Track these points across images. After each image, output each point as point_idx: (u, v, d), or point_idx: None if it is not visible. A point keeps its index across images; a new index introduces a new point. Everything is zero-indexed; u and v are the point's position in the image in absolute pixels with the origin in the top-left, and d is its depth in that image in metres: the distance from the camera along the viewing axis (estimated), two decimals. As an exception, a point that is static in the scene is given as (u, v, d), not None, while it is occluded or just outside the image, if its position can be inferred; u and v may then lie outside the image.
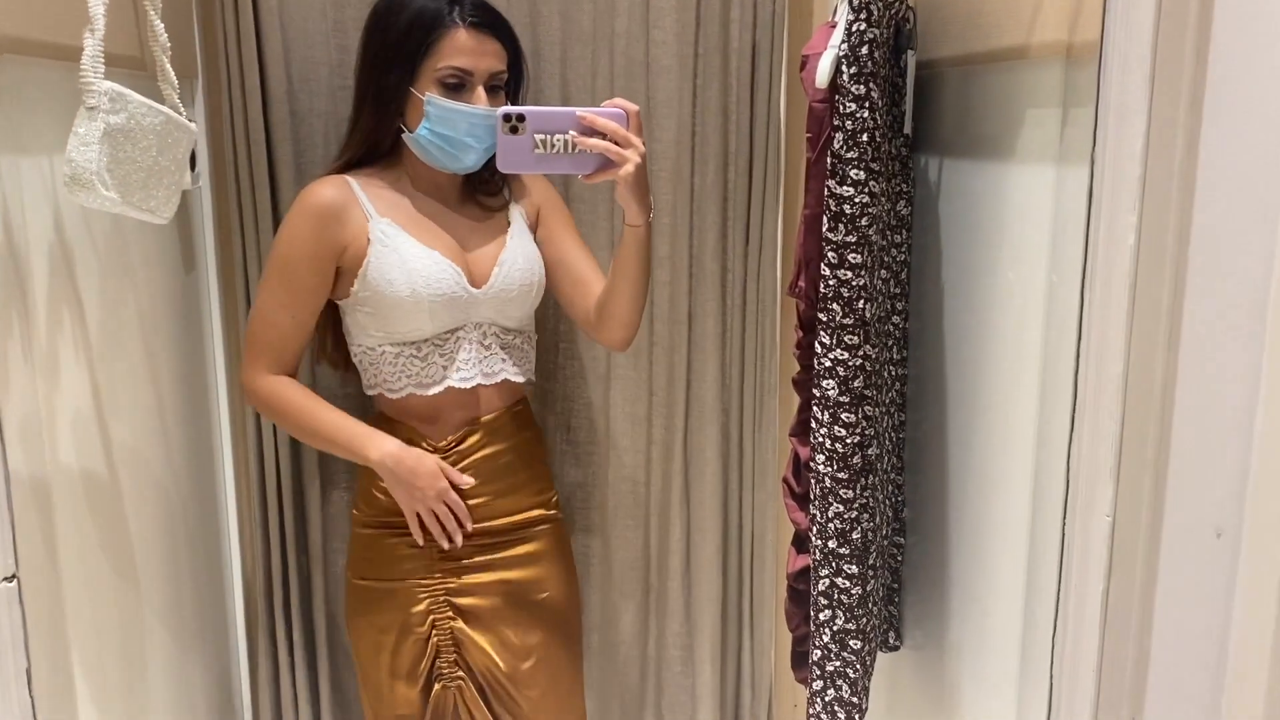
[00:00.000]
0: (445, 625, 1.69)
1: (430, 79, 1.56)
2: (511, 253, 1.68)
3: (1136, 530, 0.88)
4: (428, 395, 1.66)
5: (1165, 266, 0.81)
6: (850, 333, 1.40)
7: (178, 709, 1.71)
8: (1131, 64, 0.77)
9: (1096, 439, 0.84)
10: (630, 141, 1.49)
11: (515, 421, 1.75)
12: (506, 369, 1.71)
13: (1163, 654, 0.93)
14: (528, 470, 1.76)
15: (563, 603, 1.81)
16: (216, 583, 1.92)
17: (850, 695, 1.49)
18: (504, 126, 1.48)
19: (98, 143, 1.16)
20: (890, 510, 1.71)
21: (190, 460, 1.79)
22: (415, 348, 1.64)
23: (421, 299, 1.59)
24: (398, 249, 1.60)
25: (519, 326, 1.74)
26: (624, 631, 2.14)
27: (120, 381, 1.50)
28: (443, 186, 1.68)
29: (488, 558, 1.71)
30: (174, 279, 1.75)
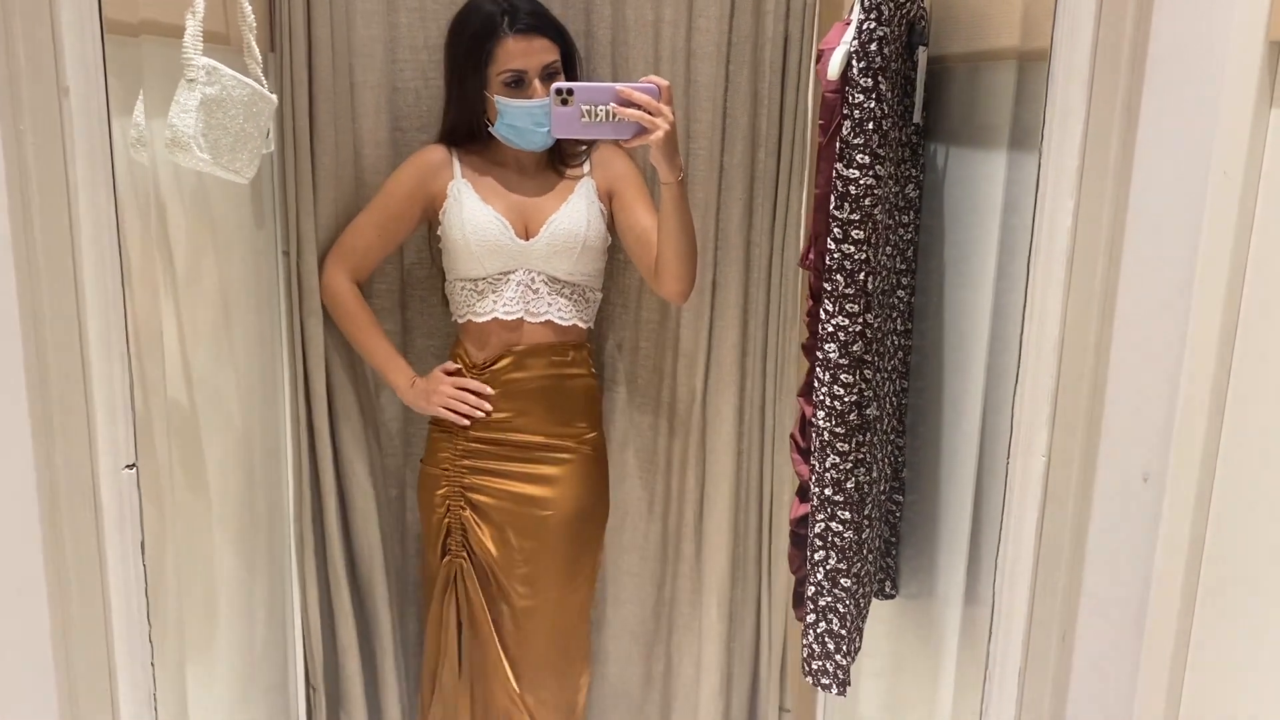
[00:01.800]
0: (456, 511, 2.03)
1: (496, 81, 1.89)
2: (565, 214, 1.97)
3: (1069, 471, 1.02)
4: (480, 322, 2.00)
5: (1100, 244, 0.96)
6: (851, 301, 1.54)
7: (242, 618, 1.91)
8: (1074, 70, 0.92)
9: (1036, 391, 0.99)
10: (661, 111, 1.74)
11: (556, 357, 2.02)
12: (551, 312, 2.00)
13: (1092, 581, 1.07)
14: (560, 403, 2.04)
15: (569, 529, 2.06)
16: (278, 508, 2.12)
17: (840, 629, 1.65)
18: (556, 99, 1.74)
19: (195, 110, 1.34)
20: (890, 469, 1.86)
21: (255, 394, 1.98)
22: (474, 284, 1.99)
23: (470, 244, 1.95)
24: (462, 204, 1.96)
25: (568, 278, 2.00)
26: (636, 574, 2.31)
27: (199, 318, 1.69)
28: (523, 159, 2.01)
29: (502, 465, 2.03)
30: (246, 234, 1.94)
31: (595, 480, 2.12)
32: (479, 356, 2.02)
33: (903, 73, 1.62)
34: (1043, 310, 0.97)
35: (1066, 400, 1.00)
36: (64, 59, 0.88)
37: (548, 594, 2.07)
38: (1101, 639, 1.08)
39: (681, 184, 1.86)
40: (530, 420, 2.03)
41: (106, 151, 0.95)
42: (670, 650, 2.34)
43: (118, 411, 0.97)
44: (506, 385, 2.01)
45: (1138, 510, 1.04)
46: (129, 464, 0.97)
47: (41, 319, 0.94)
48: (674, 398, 2.21)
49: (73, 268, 0.94)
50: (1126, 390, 1.03)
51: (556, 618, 2.09)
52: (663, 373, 2.21)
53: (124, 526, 0.97)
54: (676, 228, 1.90)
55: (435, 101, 2.09)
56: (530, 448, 2.03)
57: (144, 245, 1.46)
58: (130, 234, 1.41)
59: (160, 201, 1.51)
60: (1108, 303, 0.99)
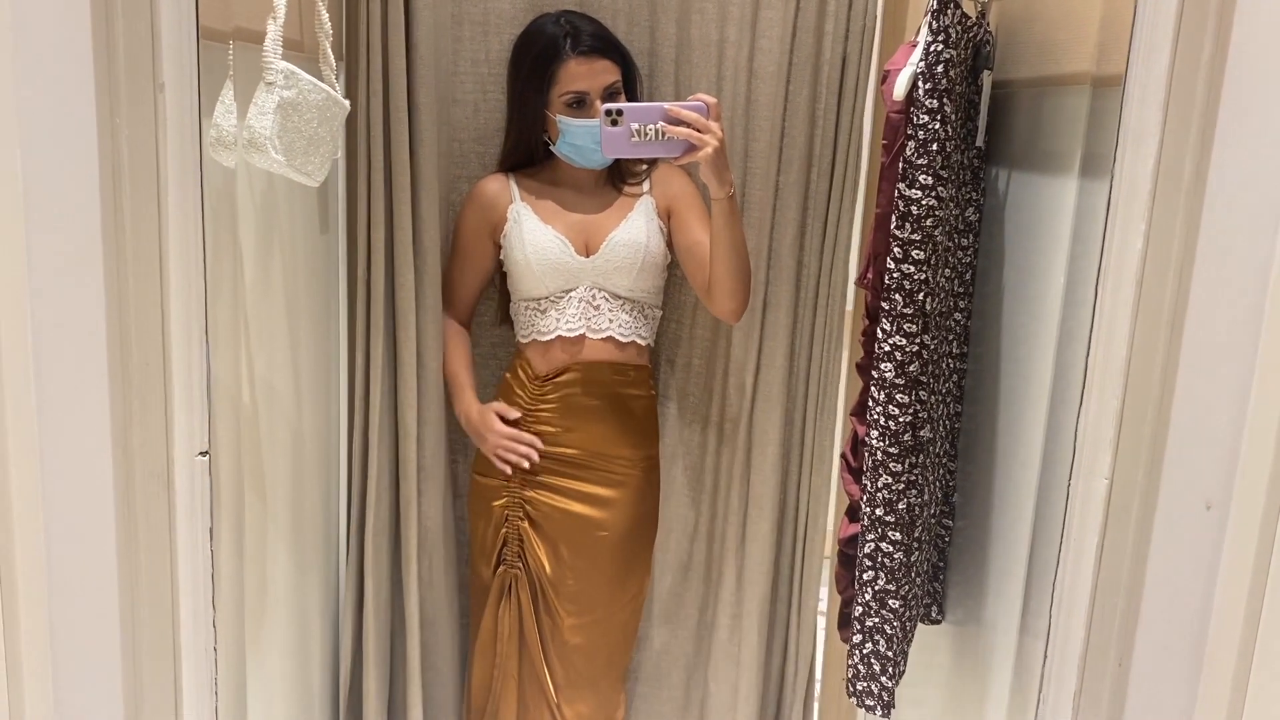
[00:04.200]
0: (515, 522, 2.05)
1: (558, 101, 1.93)
2: (624, 231, 2.00)
3: (1131, 495, 1.02)
4: (543, 341, 2.03)
5: (1170, 267, 0.96)
6: (910, 321, 1.55)
7: (296, 619, 1.94)
8: (1149, 92, 0.92)
9: (1101, 412, 0.99)
10: (709, 129, 1.76)
11: (616, 375, 2.05)
12: (613, 328, 2.02)
13: (1152, 608, 1.06)
14: (619, 421, 2.06)
15: (621, 549, 2.08)
16: (329, 507, 2.15)
17: (886, 650, 1.64)
18: (605, 120, 1.77)
19: (272, 113, 1.37)
20: (941, 493, 1.85)
21: (315, 396, 2.02)
22: (537, 303, 2.03)
23: (532, 264, 1.98)
24: (522, 225, 2.00)
25: (629, 294, 2.03)
26: (677, 596, 2.31)
27: (263, 317, 1.73)
28: (581, 177, 2.04)
29: (561, 481, 2.05)
30: (310, 238, 1.98)
31: (649, 500, 2.14)
32: (542, 369, 2.04)
33: (967, 96, 1.62)
34: (1110, 331, 0.97)
35: (1131, 423, 1.00)
36: (161, 57, 0.91)
37: (595, 612, 2.08)
38: (1159, 668, 1.07)
39: (732, 200, 1.87)
40: (589, 437, 2.05)
41: (196, 148, 0.99)
42: (708, 675, 2.33)
43: (194, 400, 1.00)
44: (567, 399, 2.03)
45: (1199, 538, 1.03)
46: (202, 451, 1.00)
47: (127, 307, 0.97)
48: (723, 416, 2.22)
49: (159, 258, 0.97)
50: (1192, 416, 1.03)
51: (602, 635, 2.10)
52: (713, 391, 2.22)
53: (194, 512, 1.00)
54: (728, 244, 1.91)
55: (493, 115, 2.11)
56: (588, 465, 2.05)
57: (216, 245, 1.50)
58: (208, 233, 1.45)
59: (234, 202, 1.55)
60: (1176, 327, 0.98)
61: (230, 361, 1.57)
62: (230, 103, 1.38)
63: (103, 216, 0.94)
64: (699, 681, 2.34)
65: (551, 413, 2.03)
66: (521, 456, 2.01)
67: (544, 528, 2.06)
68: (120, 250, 0.95)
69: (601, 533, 2.06)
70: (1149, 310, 0.98)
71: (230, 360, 1.57)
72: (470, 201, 2.07)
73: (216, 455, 1.47)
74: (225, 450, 1.54)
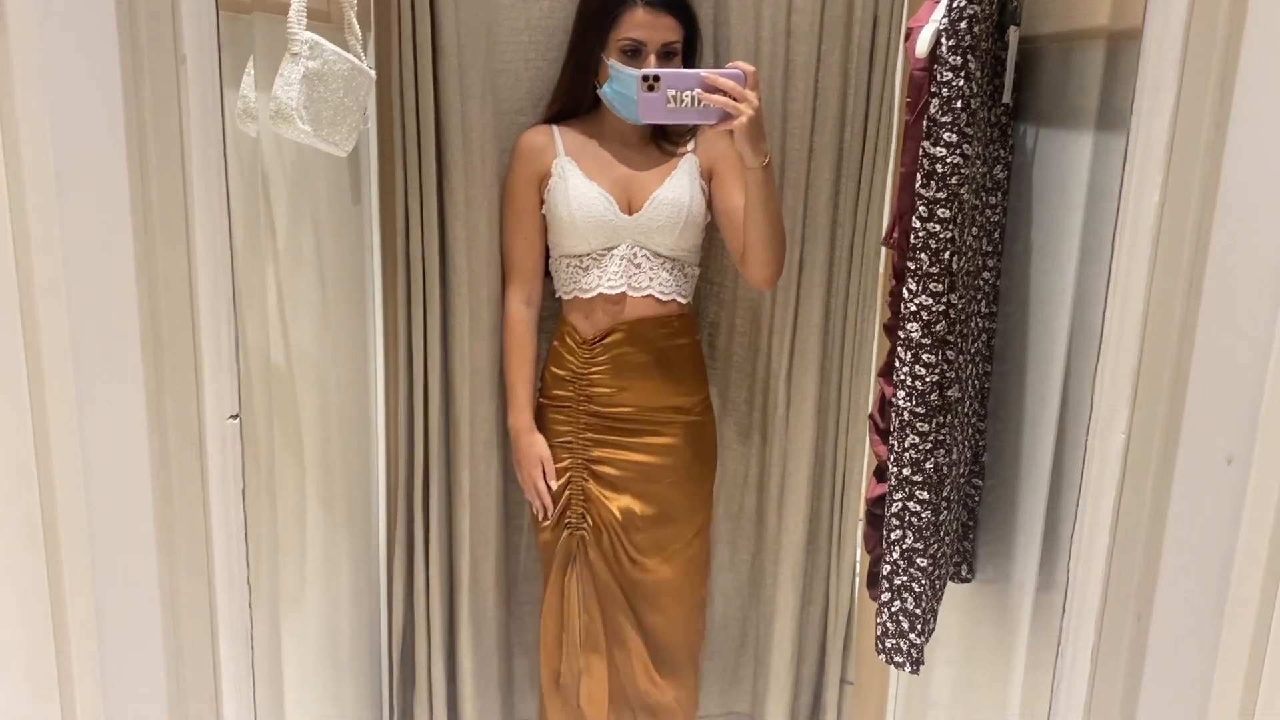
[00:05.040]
0: (579, 483, 2.09)
1: (615, 47, 1.93)
2: (667, 190, 2.01)
3: (1150, 450, 1.02)
4: (585, 298, 2.05)
5: (1188, 221, 0.95)
6: (936, 281, 1.54)
7: (328, 580, 1.99)
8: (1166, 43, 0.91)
9: (1118, 367, 0.99)
10: (745, 97, 1.75)
11: (661, 329, 2.07)
12: (654, 287, 2.05)
13: (1172, 564, 1.06)
14: (668, 372, 2.09)
15: (686, 489, 2.13)
16: (364, 474, 2.19)
17: (914, 608, 1.65)
18: (643, 85, 1.77)
19: (298, 83, 1.39)
20: (970, 452, 1.85)
21: (348, 365, 2.05)
22: (579, 260, 2.05)
23: (576, 219, 1.99)
24: (566, 180, 2.00)
25: (670, 253, 2.05)
26: (732, 544, 2.37)
27: (297, 288, 1.76)
28: (627, 134, 2.04)
29: (621, 439, 2.09)
30: (343, 208, 2.00)
31: (707, 438, 2.18)
32: (588, 331, 2.07)
33: (993, 52, 1.60)
34: (1127, 285, 0.96)
35: (1149, 378, 0.99)
36: (182, 29, 0.93)
37: (666, 549, 2.12)
38: (1179, 623, 1.07)
39: (767, 170, 1.87)
40: (642, 394, 2.07)
41: (219, 119, 1.01)
42: (758, 618, 2.38)
43: (223, 365, 1.02)
44: (617, 360, 2.06)
45: (1220, 493, 1.03)
46: (233, 415, 1.03)
47: (156, 275, 1.00)
48: (767, 374, 2.24)
49: (185, 227, 0.99)
50: (1212, 371, 1.02)
51: (682, 577, 2.15)
52: (757, 349, 2.25)
53: (227, 474, 1.03)
54: (762, 214, 1.92)
55: (535, 83, 2.11)
56: (645, 419, 2.08)
57: (248, 214, 1.52)
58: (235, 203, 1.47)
59: (264, 173, 1.58)
60: (1195, 280, 0.98)
61: (263, 331, 1.60)
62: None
63: (130, 187, 0.97)
64: (753, 623, 2.39)
65: (604, 374, 2.06)
66: (537, 506, 2.11)
67: (611, 483, 2.09)
68: (148, 220, 0.98)
69: (667, 479, 2.10)
70: (1167, 264, 0.97)
71: (263, 330, 1.60)
72: (516, 157, 2.07)
73: (250, 423, 1.51)
74: (259, 419, 1.58)
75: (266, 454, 1.63)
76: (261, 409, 1.60)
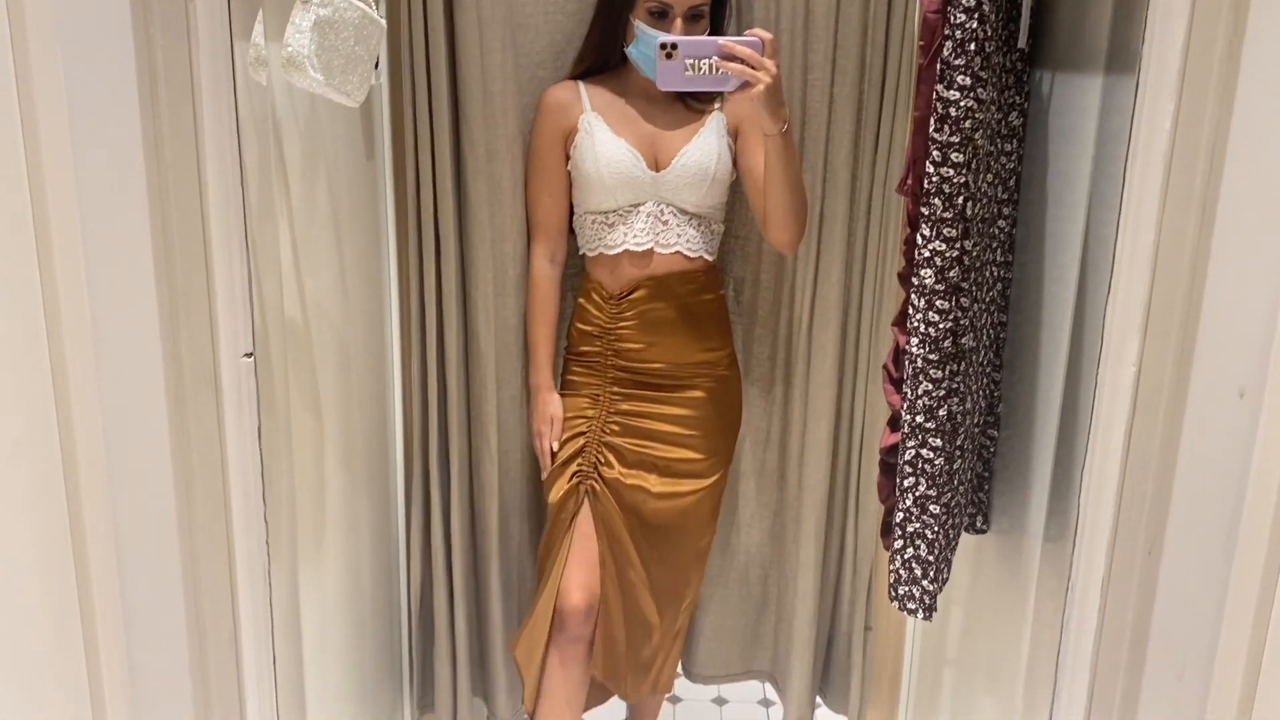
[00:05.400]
0: (597, 435, 2.09)
1: (641, 6, 1.92)
2: (695, 147, 2.01)
3: (1161, 381, 1.01)
4: (611, 254, 2.05)
5: (1200, 149, 0.94)
6: (949, 226, 1.53)
7: (347, 535, 2.01)
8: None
9: (1129, 297, 0.98)
10: (763, 65, 1.75)
11: (687, 285, 2.07)
12: (680, 244, 2.04)
13: (1183, 497, 1.06)
14: (694, 328, 2.09)
15: (709, 448, 2.13)
16: (381, 429, 2.21)
17: (927, 555, 1.66)
18: (661, 53, 1.77)
19: (309, 31, 1.39)
20: (985, 402, 1.85)
21: (363, 319, 2.07)
22: (604, 216, 2.04)
23: (604, 176, 1.98)
24: (593, 136, 2.00)
25: (696, 210, 2.04)
26: (752, 500, 2.37)
27: (312, 242, 1.77)
28: (653, 91, 2.01)
29: (649, 393, 2.09)
30: (356, 163, 2.01)
31: (733, 396, 2.19)
32: (614, 287, 2.07)
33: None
34: (1138, 213, 0.96)
35: (1160, 309, 0.99)
36: (189, -34, 0.94)
37: (685, 509, 2.13)
38: (1190, 556, 1.07)
39: (786, 137, 1.87)
40: (670, 349, 2.08)
41: (228, 59, 1.01)
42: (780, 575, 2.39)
43: (237, 303, 1.03)
44: (644, 315, 2.06)
45: (1232, 426, 1.03)
46: (247, 353, 1.04)
47: (169, 213, 1.00)
48: (790, 330, 2.24)
49: (197, 164, 1.00)
50: (1224, 302, 1.01)
51: (690, 528, 2.15)
52: (780, 304, 2.25)
53: (242, 410, 1.04)
54: (782, 179, 1.92)
55: (554, 37, 2.08)
56: (673, 375, 2.09)
57: (261, 164, 1.53)
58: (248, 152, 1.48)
59: (276, 123, 1.58)
60: (1208, 211, 0.97)
61: (278, 286, 1.61)
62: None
63: (142, 125, 0.98)
64: (775, 581, 2.40)
65: (631, 330, 2.07)
66: (544, 464, 2.15)
67: (633, 432, 2.09)
68: (160, 157, 0.98)
69: (693, 432, 2.11)
70: (1179, 191, 0.96)
71: (278, 284, 1.61)
72: (542, 112, 2.05)
73: (267, 377, 1.53)
74: (276, 373, 1.59)
75: (284, 408, 1.64)
76: (278, 364, 1.61)
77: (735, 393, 2.20)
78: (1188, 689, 1.11)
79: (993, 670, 1.97)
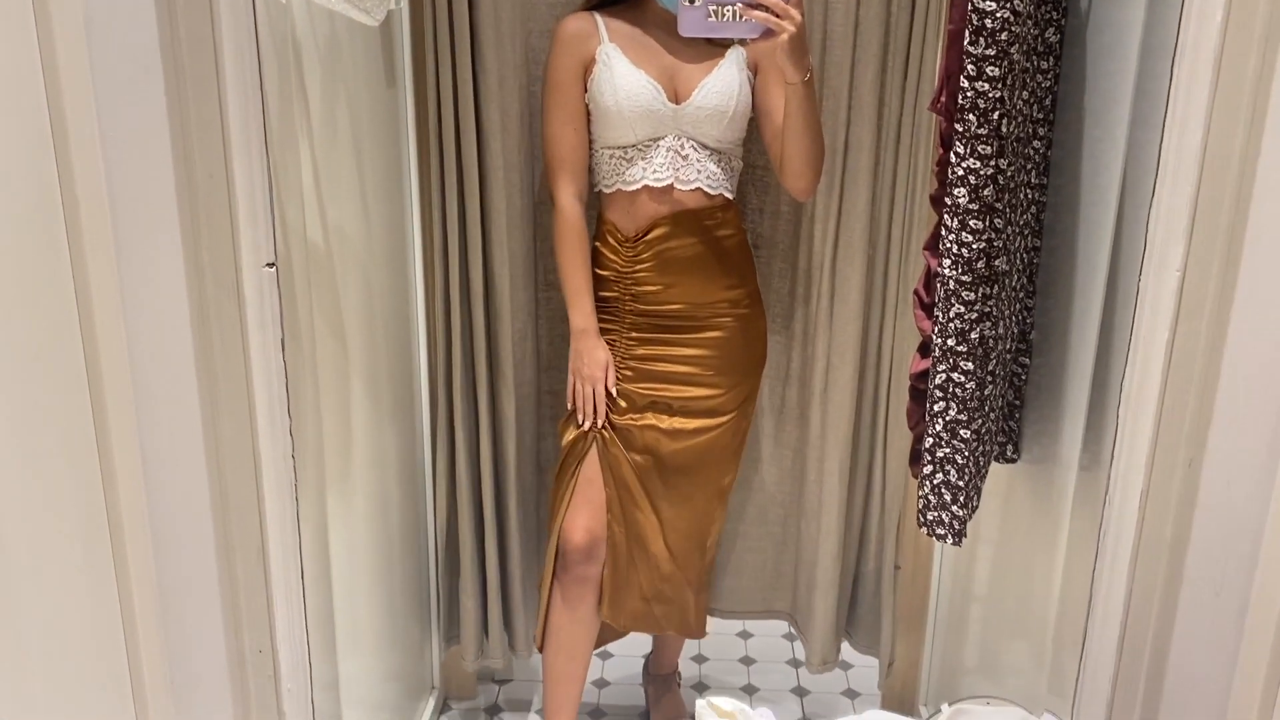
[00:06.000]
0: (616, 378, 2.05)
1: None
2: (715, 79, 1.95)
3: (1205, 288, 0.98)
4: (629, 191, 2.00)
5: (1252, 44, 0.90)
6: (984, 143, 1.50)
7: (376, 464, 2.01)
8: None
9: (1174, 200, 0.95)
10: (788, 13, 1.71)
11: (706, 221, 2.02)
12: (701, 180, 1.99)
13: (1226, 406, 1.03)
14: (715, 266, 2.04)
15: (732, 386, 2.09)
16: (406, 362, 2.21)
17: (958, 480, 1.64)
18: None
19: (328, -57, 1.36)
20: (1017, 329, 1.81)
21: (385, 248, 2.05)
22: (623, 151, 1.99)
23: (623, 109, 1.93)
24: (612, 67, 1.94)
25: (717, 145, 1.99)
26: (774, 438, 2.35)
27: (333, 168, 1.75)
28: (672, 24, 1.92)
29: (669, 335, 2.05)
30: (377, 90, 1.98)
31: (757, 333, 2.15)
32: (630, 228, 2.02)
33: (1048, -97, 1.53)
34: (1185, 114, 0.92)
35: (1206, 212, 0.95)
36: None
37: (707, 447, 2.10)
38: (1232, 466, 1.05)
39: (808, 85, 1.84)
40: (689, 289, 2.03)
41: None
42: (800, 514, 2.37)
43: (258, 211, 1.02)
44: (661, 255, 2.01)
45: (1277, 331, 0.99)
46: (269, 263, 1.03)
47: (189, 123, 0.99)
48: (809, 264, 2.20)
49: (215, 71, 0.98)
50: (1274, 203, 0.98)
51: (711, 466, 2.13)
52: (800, 237, 2.20)
53: (265, 320, 1.03)
54: (801, 129, 1.89)
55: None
56: (693, 316, 2.05)
57: (281, 84, 1.51)
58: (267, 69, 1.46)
59: (296, 42, 1.56)
60: (1258, 107, 0.93)
61: (300, 211, 1.60)
62: None
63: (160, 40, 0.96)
64: (794, 520, 2.39)
65: (649, 272, 2.02)
66: (587, 412, 2.04)
67: (652, 376, 2.06)
68: (178, 64, 0.96)
69: (715, 371, 2.07)
70: (1228, 90, 0.92)
71: (300, 210, 1.60)
72: (559, 43, 1.98)
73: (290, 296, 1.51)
74: (299, 293, 1.58)
75: (308, 333, 1.63)
76: (301, 289, 1.60)
77: (757, 330, 2.16)
78: (1225, 604, 1.09)
79: (1023, 605, 1.96)
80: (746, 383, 2.15)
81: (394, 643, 2.21)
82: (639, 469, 2.07)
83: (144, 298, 1.01)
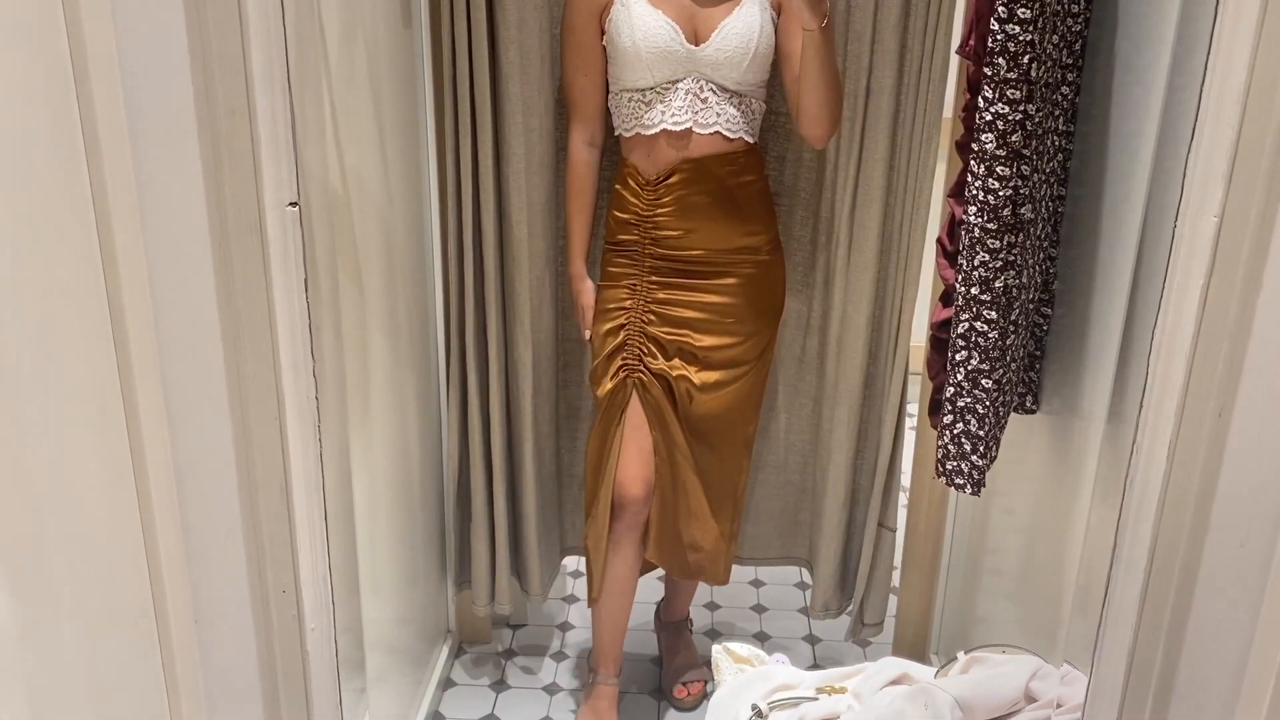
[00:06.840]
0: (638, 325, 2.06)
1: None
2: (735, 20, 1.93)
3: (1243, 234, 0.96)
4: (648, 134, 1.98)
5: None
6: (1013, 88, 1.47)
7: (396, 409, 2.02)
8: None
9: (1215, 142, 0.93)
10: None
11: (726, 167, 2.01)
12: (720, 123, 1.98)
13: (1259, 355, 1.02)
14: (735, 211, 2.04)
15: (751, 334, 2.10)
16: (423, 308, 2.20)
17: (978, 430, 1.63)
18: None
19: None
20: (1041, 279, 1.80)
21: (402, 193, 2.04)
22: (641, 94, 1.98)
23: (640, 50, 1.92)
24: (630, 8, 1.93)
25: (737, 88, 1.97)
26: (793, 387, 2.36)
27: (350, 110, 1.73)
28: None
29: (689, 280, 2.05)
30: (394, 31, 1.95)
31: (776, 281, 2.14)
32: (650, 172, 2.01)
33: None
34: (1230, 51, 0.90)
35: (1247, 155, 0.93)
36: None
37: (729, 396, 2.11)
38: (1264, 415, 1.04)
39: (826, 32, 1.82)
40: (710, 235, 2.02)
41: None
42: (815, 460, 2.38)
43: (280, 149, 1.01)
44: (681, 200, 2.00)
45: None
46: (292, 202, 1.01)
47: (210, 51, 0.97)
48: (832, 211, 2.18)
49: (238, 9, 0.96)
50: (1316, 149, 0.95)
51: (734, 414, 2.14)
52: (823, 185, 2.18)
53: (288, 260, 1.02)
54: (818, 76, 1.87)
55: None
56: (713, 262, 2.04)
57: (300, 27, 1.49)
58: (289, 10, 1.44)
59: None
60: (1305, 48, 0.90)
61: (321, 156, 1.58)
62: None
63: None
64: (811, 468, 2.39)
65: (669, 216, 2.01)
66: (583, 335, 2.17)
67: (674, 321, 2.06)
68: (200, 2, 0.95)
69: (735, 318, 2.07)
70: (1276, 28, 0.90)
71: (321, 155, 1.58)
72: None
73: (310, 240, 1.51)
74: (319, 237, 1.57)
75: (329, 277, 1.63)
76: (321, 233, 1.59)
77: (777, 278, 2.15)
78: (1250, 555, 1.09)
79: (1037, 555, 1.96)
80: (765, 331, 2.14)
81: (413, 586, 2.23)
82: (678, 411, 2.08)
83: (166, 236, 1.01)
